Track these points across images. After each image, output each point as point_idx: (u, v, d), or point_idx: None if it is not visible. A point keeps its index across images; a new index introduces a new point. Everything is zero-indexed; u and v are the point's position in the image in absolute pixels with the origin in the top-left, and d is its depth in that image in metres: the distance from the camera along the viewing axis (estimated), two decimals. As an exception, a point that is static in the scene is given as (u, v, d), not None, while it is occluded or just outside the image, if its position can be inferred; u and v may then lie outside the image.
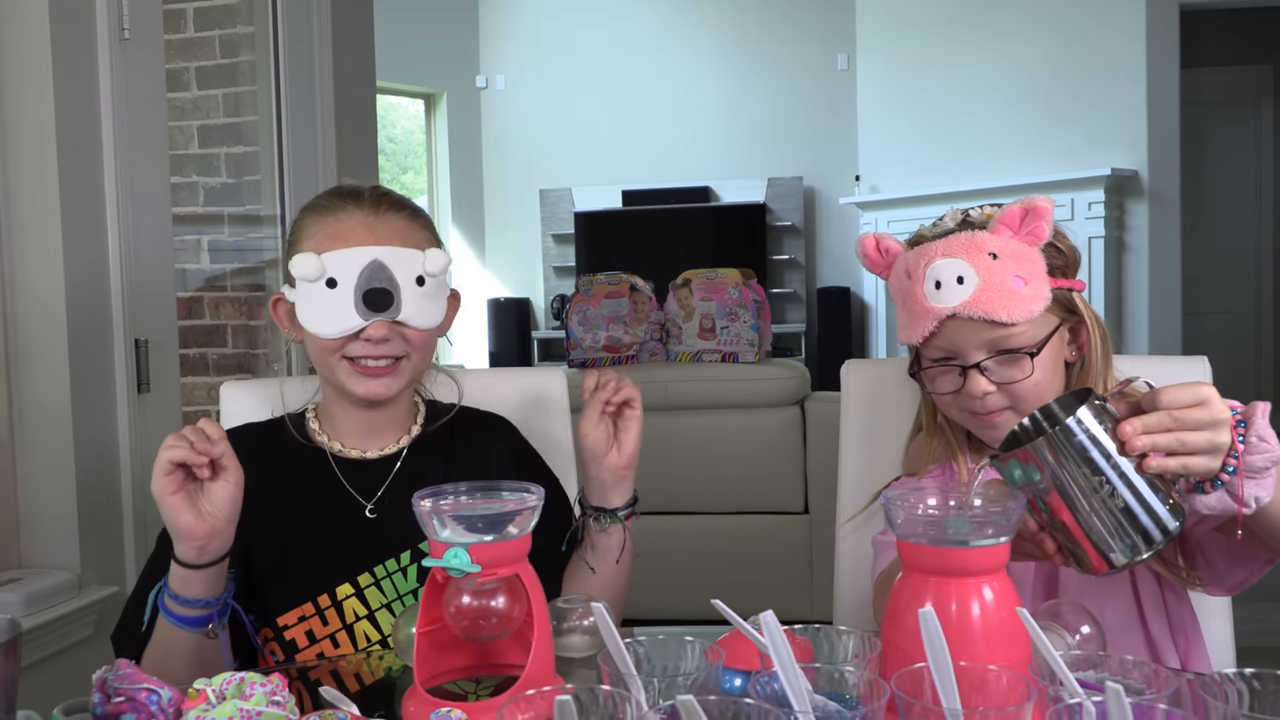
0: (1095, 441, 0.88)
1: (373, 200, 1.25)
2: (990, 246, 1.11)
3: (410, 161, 10.16)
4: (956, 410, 1.19)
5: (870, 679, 0.79)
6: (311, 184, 2.78)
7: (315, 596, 1.23)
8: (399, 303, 1.21)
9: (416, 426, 1.34)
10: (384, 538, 1.25)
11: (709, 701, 0.73)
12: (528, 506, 0.92)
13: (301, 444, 1.31)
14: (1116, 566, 0.91)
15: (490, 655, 1.01)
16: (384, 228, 1.23)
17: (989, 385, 1.13)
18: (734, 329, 3.34)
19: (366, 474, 1.29)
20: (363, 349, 1.22)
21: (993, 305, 1.10)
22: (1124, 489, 0.89)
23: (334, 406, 1.32)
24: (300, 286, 1.22)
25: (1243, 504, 0.90)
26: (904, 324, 1.18)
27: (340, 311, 1.20)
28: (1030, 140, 5.81)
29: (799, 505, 3.23)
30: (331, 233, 1.22)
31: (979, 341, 1.13)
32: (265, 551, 1.24)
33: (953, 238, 1.13)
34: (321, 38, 2.82)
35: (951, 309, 1.11)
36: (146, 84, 2.04)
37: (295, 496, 1.27)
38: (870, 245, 1.23)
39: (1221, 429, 0.89)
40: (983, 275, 1.10)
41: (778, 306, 7.35)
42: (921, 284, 1.14)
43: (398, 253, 1.21)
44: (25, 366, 1.81)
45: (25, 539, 1.83)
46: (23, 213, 1.80)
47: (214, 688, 0.89)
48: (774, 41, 7.47)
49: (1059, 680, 0.76)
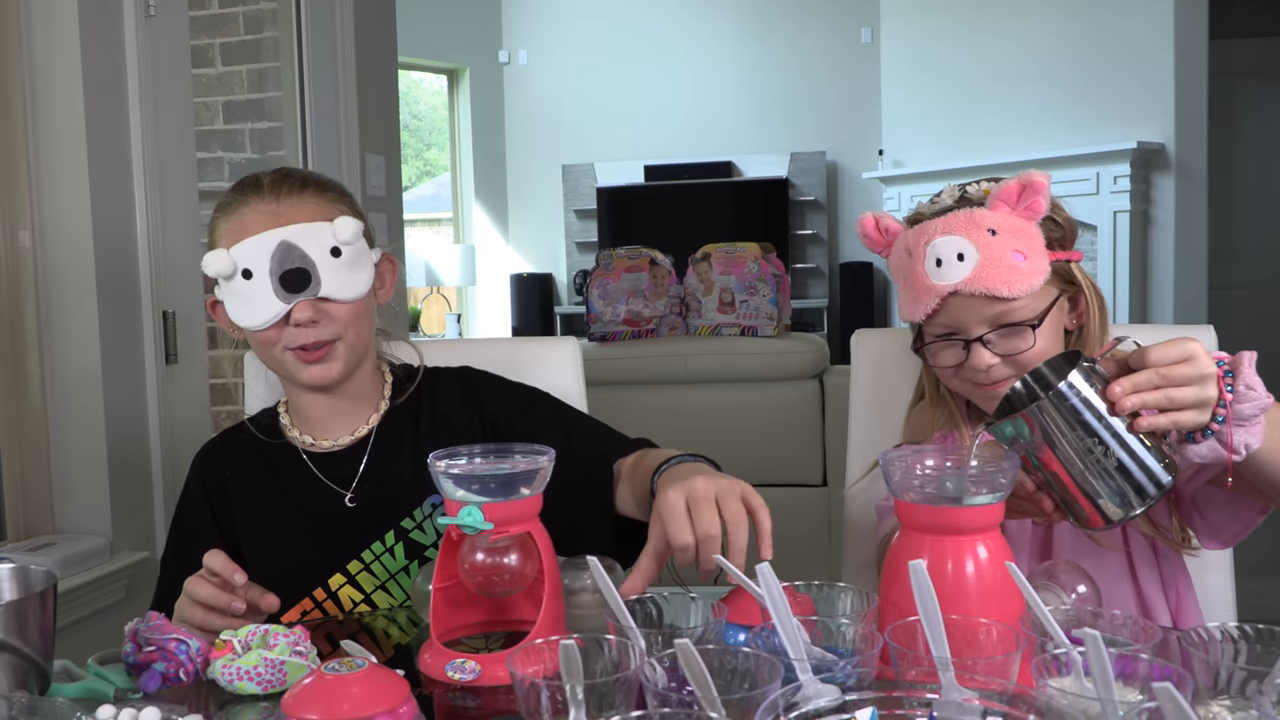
0: (1087, 404, 0.91)
1: (273, 186, 1.23)
2: (989, 223, 1.13)
3: (434, 138, 10.18)
4: (959, 382, 1.21)
5: (865, 631, 0.82)
6: (334, 159, 2.82)
7: (311, 592, 1.25)
8: (317, 279, 1.19)
9: (384, 401, 1.33)
10: (366, 523, 1.26)
11: (708, 650, 0.76)
12: (539, 467, 0.96)
13: (274, 445, 1.32)
14: (1113, 521, 0.94)
15: (504, 610, 1.05)
16: (286, 210, 1.21)
17: (992, 358, 1.15)
18: (753, 303, 3.36)
19: (341, 463, 1.29)
20: (296, 335, 1.21)
21: (993, 281, 1.12)
22: (1117, 447, 0.91)
23: (297, 398, 1.32)
24: (222, 285, 1.22)
25: (1233, 452, 0.93)
26: (905, 302, 1.20)
27: (261, 301, 1.19)
28: (1055, 113, 5.75)
29: (817, 478, 3.26)
30: (237, 227, 1.21)
31: (981, 316, 1.15)
32: (256, 558, 1.26)
33: (952, 215, 1.15)
34: (344, 14, 2.85)
35: (953, 285, 1.13)
36: (172, 61, 2.07)
37: (276, 500, 1.29)
38: (870, 224, 1.25)
39: (1209, 383, 0.91)
40: (983, 251, 1.12)
41: (800, 282, 7.33)
42: (922, 262, 1.16)
43: (304, 229, 1.19)
44: (57, 339, 1.86)
45: (59, 505, 1.89)
46: (52, 188, 1.84)
47: (240, 638, 0.93)
48: (797, 15, 7.42)
49: (1048, 633, 0.78)
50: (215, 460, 1.34)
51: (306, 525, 1.28)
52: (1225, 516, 1.12)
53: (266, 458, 1.31)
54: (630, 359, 3.27)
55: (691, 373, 3.23)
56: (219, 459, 1.34)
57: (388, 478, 1.28)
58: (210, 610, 1.06)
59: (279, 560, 1.26)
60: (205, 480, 1.33)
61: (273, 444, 1.32)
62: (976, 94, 6.18)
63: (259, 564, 1.24)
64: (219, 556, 1.08)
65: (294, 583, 1.24)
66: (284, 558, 1.27)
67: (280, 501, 1.29)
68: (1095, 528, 0.95)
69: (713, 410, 3.24)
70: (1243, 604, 1.38)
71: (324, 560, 1.26)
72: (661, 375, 3.26)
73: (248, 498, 1.31)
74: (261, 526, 1.29)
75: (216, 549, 1.09)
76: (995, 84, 6.07)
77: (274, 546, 1.28)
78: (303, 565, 1.26)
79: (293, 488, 1.29)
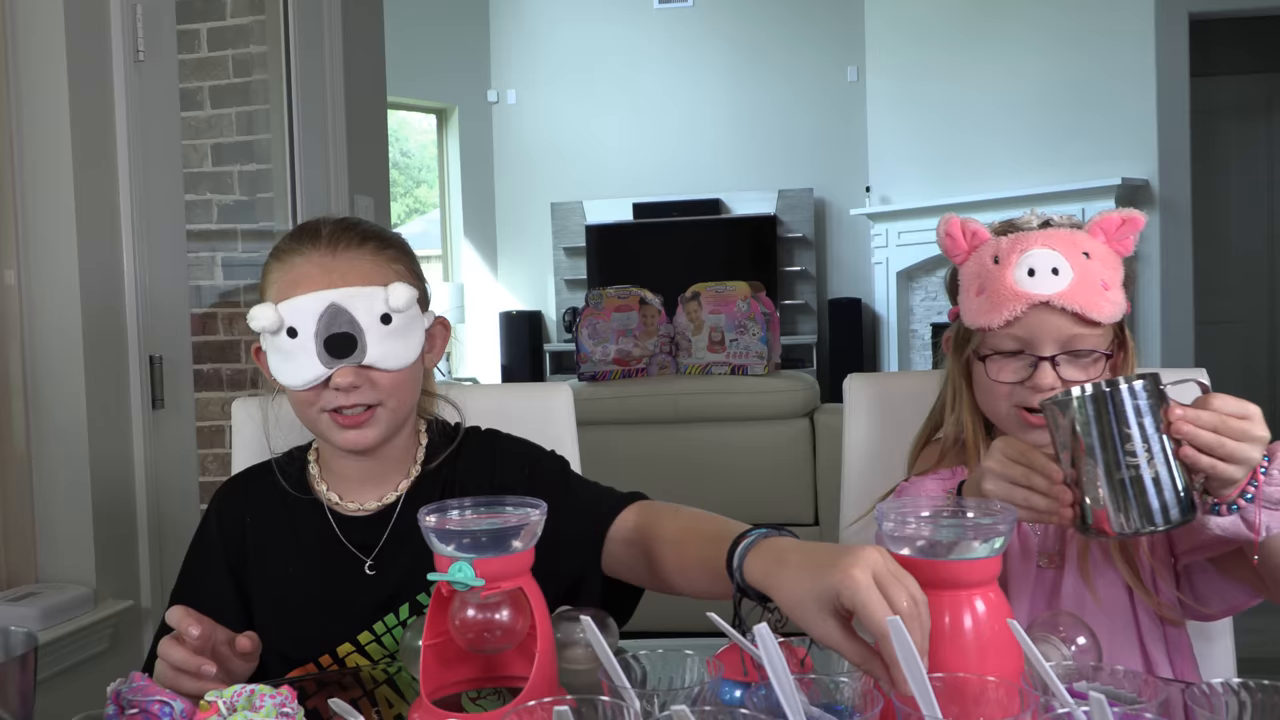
0: (1149, 410, 0.94)
1: (330, 238, 1.18)
2: (1085, 246, 1.16)
3: (423, 175, 10.21)
4: (1007, 406, 1.19)
5: (865, 689, 0.81)
6: (323, 200, 2.82)
7: (317, 658, 1.20)
8: (363, 346, 1.15)
9: (416, 467, 1.28)
10: (383, 593, 1.21)
11: (704, 712, 0.74)
12: (531, 521, 0.94)
13: (299, 496, 1.26)
14: (1119, 533, 0.96)
15: (495, 667, 1.03)
16: (341, 267, 1.16)
17: (1055, 380, 1.15)
18: (743, 341, 3.36)
19: (365, 529, 1.24)
20: (335, 399, 1.16)
21: (1086, 301, 1.14)
22: (1158, 463, 0.94)
23: (329, 454, 1.27)
24: (265, 338, 1.18)
25: (1258, 532, 0.96)
26: (980, 308, 1.19)
27: (303, 361, 1.15)
28: (1040, 150, 5.81)
29: (809, 517, 3.24)
30: (288, 280, 1.17)
31: (1058, 335, 1.15)
32: (264, 615, 1.22)
33: (1052, 230, 1.18)
34: (333, 55, 2.86)
35: (1046, 296, 1.14)
36: (161, 104, 2.07)
37: (295, 555, 1.24)
38: (955, 226, 1.25)
39: (1258, 446, 0.95)
40: (1077, 271, 1.14)
41: (789, 318, 7.35)
42: (1012, 269, 1.16)
43: (357, 293, 1.14)
44: (42, 383, 1.84)
45: (42, 553, 1.86)
46: (39, 230, 1.83)
47: (225, 699, 0.91)
48: (783, 54, 7.49)
49: (1050, 691, 0.77)
50: (236, 501, 1.29)
51: (321, 589, 1.22)
52: (1212, 593, 1.14)
53: (289, 507, 1.26)
54: (621, 399, 3.27)
55: (682, 412, 3.22)
56: (240, 500, 1.29)
57: (410, 548, 1.21)
58: (181, 672, 1.02)
59: (288, 622, 1.21)
60: (223, 521, 1.27)
61: (296, 494, 1.26)
62: (963, 131, 6.24)
63: (266, 621, 1.20)
64: (178, 649, 1.03)
65: (301, 647, 1.20)
66: (293, 620, 1.22)
67: (297, 560, 1.24)
68: (1101, 533, 0.97)
69: (704, 450, 3.22)
70: (1240, 640, 1.37)
71: (335, 629, 1.21)
72: (652, 415, 3.25)
73: (264, 548, 1.25)
74: (274, 583, 1.24)
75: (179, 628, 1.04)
76: (981, 121, 6.13)
77: (285, 607, 1.23)
78: (312, 630, 1.21)
79: (312, 547, 1.24)
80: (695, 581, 1.07)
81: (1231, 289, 6.47)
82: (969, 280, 1.23)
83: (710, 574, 1.00)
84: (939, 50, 6.39)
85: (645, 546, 1.15)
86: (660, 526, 1.15)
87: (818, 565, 0.84)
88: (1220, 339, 6.27)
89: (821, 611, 0.82)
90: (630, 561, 1.18)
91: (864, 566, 0.80)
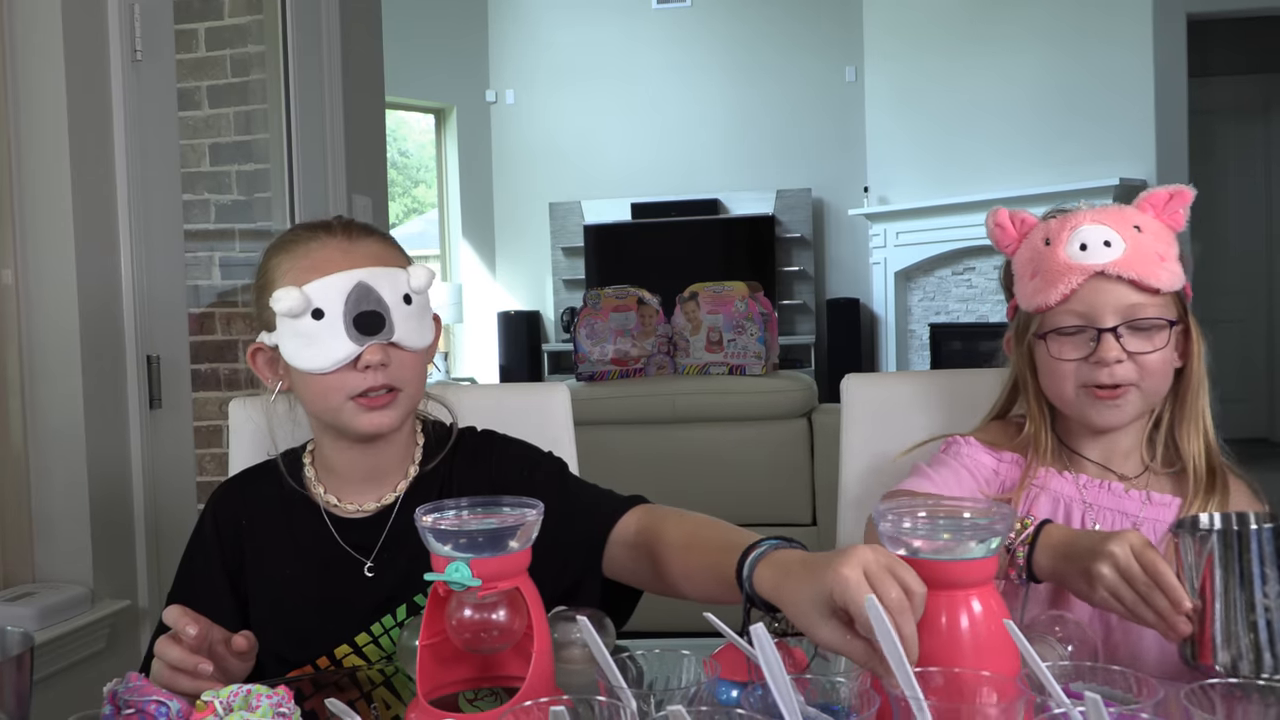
0: (1271, 561, 0.93)
1: (343, 227, 1.19)
2: (1135, 220, 1.17)
3: (421, 175, 10.21)
4: (1073, 386, 1.19)
5: (862, 689, 0.81)
6: (321, 200, 2.81)
7: (314, 660, 1.20)
8: (390, 324, 1.14)
9: (414, 467, 1.27)
10: (381, 595, 1.21)
11: (700, 712, 0.74)
12: (527, 521, 0.94)
13: (297, 495, 1.25)
14: (1219, 670, 0.94)
15: (492, 667, 1.03)
16: (360, 251, 1.17)
17: (1120, 352, 1.15)
18: (741, 342, 3.36)
19: (363, 529, 1.23)
20: (361, 381, 1.15)
21: (1141, 268, 1.14)
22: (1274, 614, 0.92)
23: (329, 452, 1.25)
24: (283, 325, 1.15)
25: None
26: (1035, 289, 1.19)
27: (330, 342, 1.13)
28: (1039, 151, 5.81)
29: (807, 517, 3.24)
30: (307, 264, 1.15)
31: (1118, 304, 1.15)
32: (261, 617, 1.22)
33: (1100, 208, 1.18)
34: (331, 56, 2.86)
35: (1100, 266, 1.14)
36: (158, 104, 2.07)
37: (292, 557, 1.23)
38: (1004, 216, 1.25)
39: None
40: (1129, 242, 1.15)
41: (787, 318, 7.36)
42: (1064, 246, 1.17)
43: (382, 272, 1.15)
44: (39, 383, 1.84)
45: (39, 553, 1.86)
46: (36, 230, 1.83)
47: (221, 700, 0.91)
48: (782, 54, 7.50)
49: (1047, 691, 0.77)
50: (232, 503, 1.28)
51: (319, 592, 1.22)
52: None
53: (286, 510, 1.25)
54: (618, 399, 3.26)
55: (680, 412, 3.22)
56: (236, 502, 1.28)
57: (408, 549, 1.19)
58: (178, 671, 1.02)
59: (286, 624, 1.21)
60: (220, 523, 1.27)
61: (295, 496, 1.25)
62: (961, 131, 6.24)
63: (264, 623, 1.20)
64: (175, 648, 1.03)
65: (298, 649, 1.19)
66: (291, 622, 1.21)
67: (295, 561, 1.23)
68: (1201, 664, 0.95)
69: (701, 450, 3.22)
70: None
71: (333, 630, 1.20)
72: (650, 415, 3.25)
73: (261, 550, 1.25)
74: (271, 585, 1.23)
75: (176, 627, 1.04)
76: (978, 122, 6.14)
77: (282, 609, 1.22)
78: (310, 632, 1.20)
79: (310, 550, 1.23)
80: (702, 587, 1.07)
81: (1229, 288, 6.47)
82: (1022, 267, 1.23)
83: (719, 581, 1.00)
84: (938, 50, 6.39)
85: (649, 550, 1.14)
86: (665, 531, 1.14)
87: (814, 570, 0.85)
88: (1218, 338, 6.26)
89: (822, 615, 0.83)
90: (633, 565, 1.17)
91: (854, 564, 0.80)
